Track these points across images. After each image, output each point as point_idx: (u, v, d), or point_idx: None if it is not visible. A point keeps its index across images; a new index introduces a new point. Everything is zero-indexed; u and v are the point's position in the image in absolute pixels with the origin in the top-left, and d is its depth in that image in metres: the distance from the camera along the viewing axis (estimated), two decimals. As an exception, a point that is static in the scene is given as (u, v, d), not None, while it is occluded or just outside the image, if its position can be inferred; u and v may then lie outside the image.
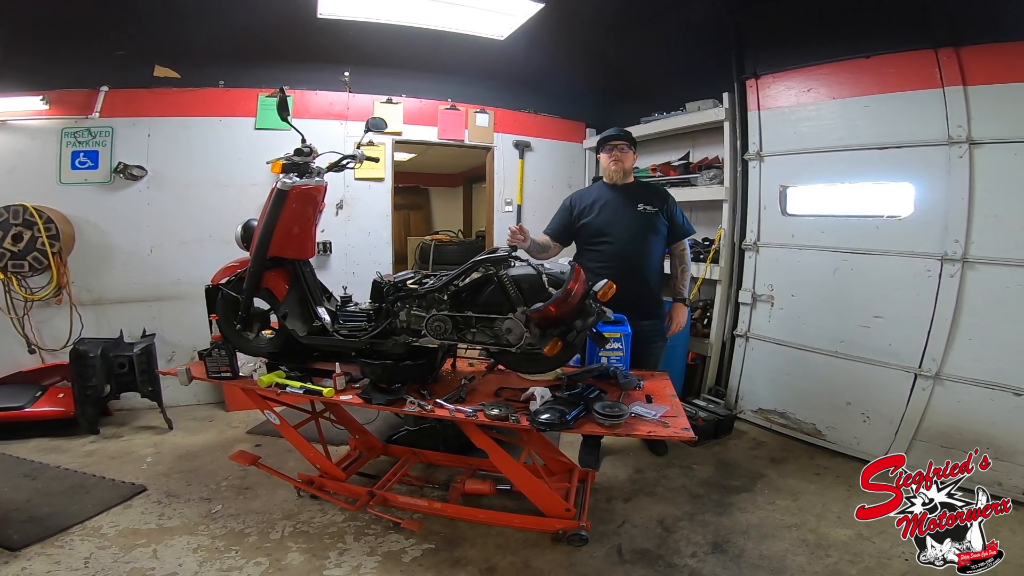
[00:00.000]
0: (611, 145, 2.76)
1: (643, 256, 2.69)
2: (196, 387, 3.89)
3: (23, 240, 3.39)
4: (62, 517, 2.48)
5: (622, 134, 2.78)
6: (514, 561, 2.19)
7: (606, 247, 2.69)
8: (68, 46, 3.62)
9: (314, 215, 2.35)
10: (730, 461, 3.10)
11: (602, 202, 2.75)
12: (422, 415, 2.05)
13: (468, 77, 4.56)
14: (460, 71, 4.46)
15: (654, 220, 2.69)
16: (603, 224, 2.70)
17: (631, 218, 2.68)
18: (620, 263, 2.63)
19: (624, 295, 2.37)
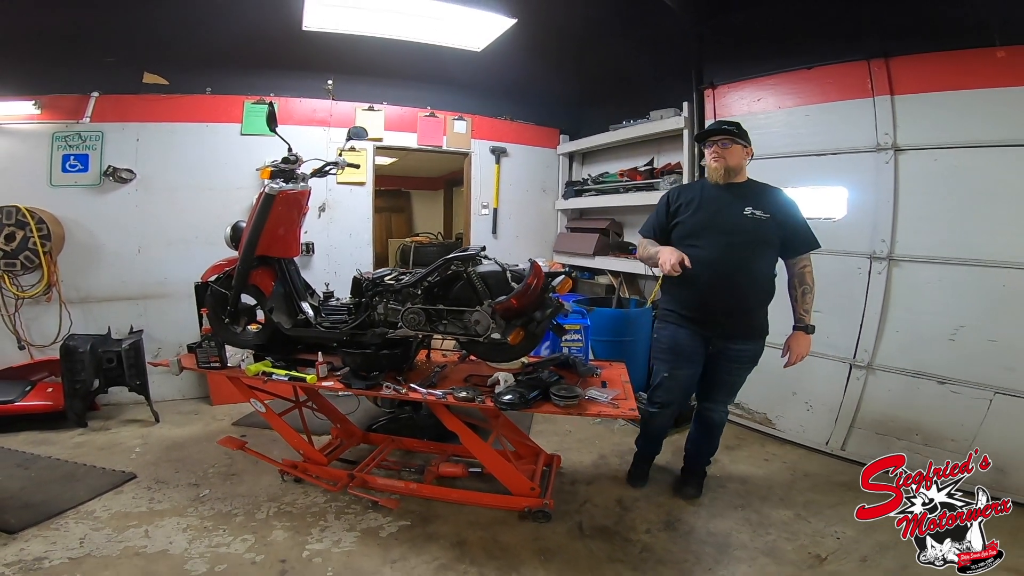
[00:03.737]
0: (711, 140, 2.39)
1: (742, 267, 2.31)
2: (182, 382, 4.07)
3: (15, 240, 3.50)
4: (56, 503, 2.58)
5: (723, 127, 2.40)
6: (483, 536, 2.36)
7: (697, 252, 2.31)
8: (60, 53, 3.72)
9: (298, 217, 2.55)
10: None
11: (702, 200, 2.41)
12: (397, 398, 2.26)
13: (447, 86, 4.73)
14: (439, 80, 4.63)
15: (764, 228, 2.31)
16: (697, 225, 2.36)
17: (734, 223, 2.31)
18: (711, 272, 2.30)
19: (712, 309, 2.35)
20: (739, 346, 2.40)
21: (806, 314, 2.41)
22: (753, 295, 2.37)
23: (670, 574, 2.11)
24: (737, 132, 2.36)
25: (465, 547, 2.29)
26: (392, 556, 2.21)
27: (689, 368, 2.44)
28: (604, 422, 3.67)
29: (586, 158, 5.17)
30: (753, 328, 2.42)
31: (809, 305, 2.41)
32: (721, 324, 2.37)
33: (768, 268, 2.38)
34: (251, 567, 2.14)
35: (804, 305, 2.41)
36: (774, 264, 2.39)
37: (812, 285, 2.41)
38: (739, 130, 2.37)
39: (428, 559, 2.20)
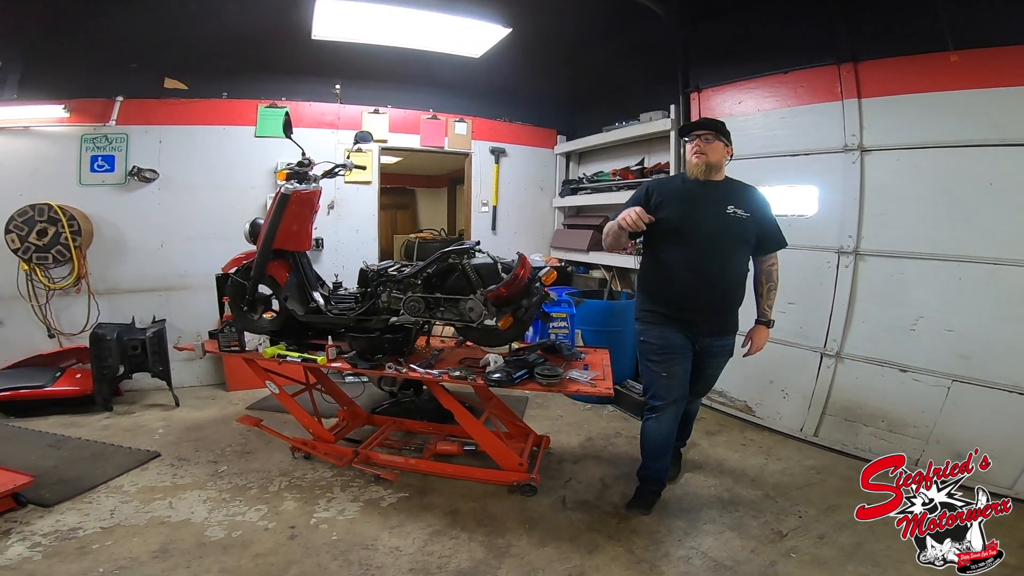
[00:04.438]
0: (694, 135, 2.37)
1: (724, 266, 2.34)
2: (200, 369, 4.33)
3: (47, 235, 3.76)
4: (87, 479, 2.78)
5: (704, 122, 2.41)
6: (474, 507, 2.56)
7: (681, 250, 2.32)
8: (87, 59, 3.95)
9: (310, 215, 2.79)
10: None
11: (684, 197, 2.36)
12: (397, 376, 2.50)
13: (448, 89, 4.95)
14: (440, 84, 4.85)
15: (744, 227, 2.32)
16: (681, 222, 2.32)
17: (717, 221, 2.31)
18: (694, 270, 2.31)
19: (693, 307, 2.35)
20: (720, 342, 2.45)
21: (769, 309, 2.49)
22: (733, 292, 2.41)
23: (642, 543, 2.30)
24: (720, 130, 2.36)
25: (457, 516, 2.49)
26: (391, 523, 2.43)
27: (683, 364, 2.40)
28: (593, 408, 3.90)
29: (582, 158, 5.38)
30: (732, 324, 2.47)
31: (773, 301, 2.49)
32: (706, 322, 2.38)
33: (744, 266, 2.43)
34: (264, 532, 2.35)
35: (768, 301, 2.48)
36: (747, 261, 2.45)
37: (777, 282, 2.49)
38: (722, 128, 2.37)
39: (423, 526, 2.41)
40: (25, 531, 2.33)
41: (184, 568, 2.11)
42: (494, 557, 2.21)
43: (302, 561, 2.16)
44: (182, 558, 2.17)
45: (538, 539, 2.33)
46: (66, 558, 2.16)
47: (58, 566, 2.11)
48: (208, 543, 2.27)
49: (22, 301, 3.91)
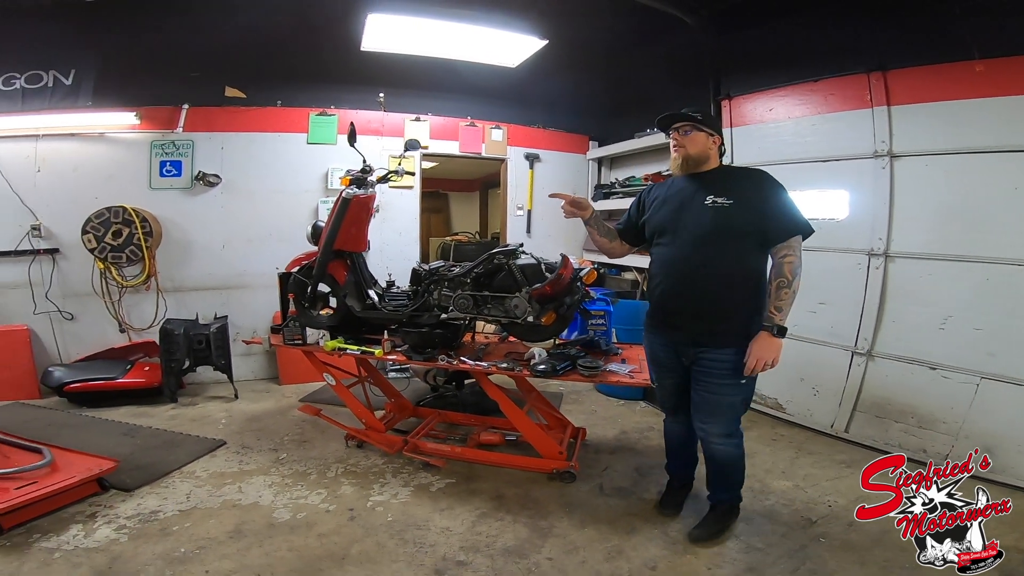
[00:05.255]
0: (674, 128, 2.18)
1: (706, 263, 2.08)
2: (255, 364, 4.61)
3: (122, 236, 4.07)
4: (162, 465, 2.98)
5: (682, 113, 2.16)
6: (518, 492, 2.72)
7: (662, 250, 2.22)
8: (154, 67, 4.25)
9: (367, 218, 3.03)
10: None
11: (668, 195, 2.24)
12: (449, 368, 2.71)
13: (485, 97, 5.17)
14: (478, 92, 5.08)
15: (727, 217, 2.05)
16: (661, 222, 2.21)
17: (695, 215, 2.11)
18: (674, 271, 2.17)
19: (675, 312, 2.18)
20: (713, 355, 2.10)
21: (776, 312, 2.02)
22: (724, 295, 2.09)
23: (677, 526, 2.43)
24: (702, 119, 2.15)
25: (502, 500, 2.66)
26: (441, 506, 2.59)
27: (671, 377, 2.28)
28: (626, 404, 4.05)
29: (614, 163, 5.53)
30: (727, 334, 2.08)
31: (783, 302, 2.02)
32: (688, 329, 2.15)
33: (740, 262, 2.09)
34: (326, 514, 2.53)
35: (776, 301, 2.02)
36: (751, 256, 2.10)
37: (791, 279, 2.01)
38: (705, 117, 2.17)
39: (471, 508, 2.57)
40: (110, 514, 2.51)
41: (257, 547, 2.28)
42: (538, 537, 2.36)
43: (363, 540, 2.33)
44: (254, 538, 2.34)
45: (578, 521, 2.47)
46: (150, 539, 2.33)
47: (143, 547, 2.27)
48: (276, 524, 2.45)
49: (96, 298, 4.24)
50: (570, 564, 2.18)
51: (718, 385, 2.12)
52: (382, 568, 2.15)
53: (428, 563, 2.18)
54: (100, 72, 4.16)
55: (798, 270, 2.03)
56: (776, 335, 2.02)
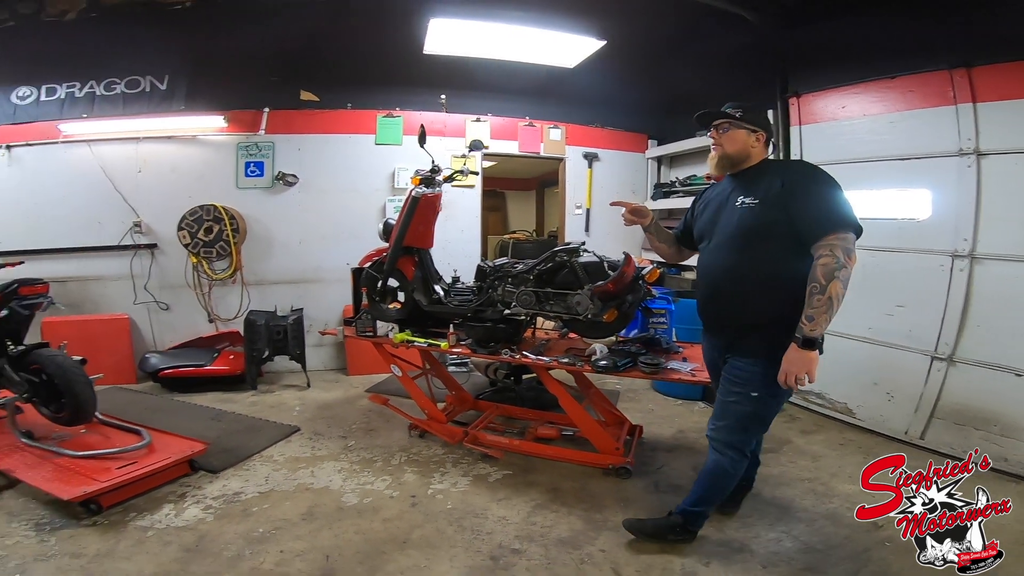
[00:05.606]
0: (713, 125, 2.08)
1: (731, 269, 1.99)
2: (325, 355, 4.86)
3: (212, 232, 4.43)
4: (244, 449, 3.17)
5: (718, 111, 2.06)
6: (574, 485, 2.77)
7: (701, 256, 2.17)
8: (239, 73, 4.55)
9: (434, 216, 3.17)
10: None
11: (712, 198, 2.17)
12: (512, 362, 2.80)
13: (543, 97, 5.23)
14: (536, 93, 5.14)
15: (753, 217, 1.92)
16: (702, 226, 2.17)
17: (727, 217, 2.02)
18: (707, 278, 2.11)
19: (710, 318, 2.14)
20: (736, 362, 2.03)
21: (806, 322, 1.82)
22: (752, 303, 1.96)
23: (733, 524, 2.42)
24: (741, 116, 2.01)
25: (558, 492, 2.71)
26: (498, 496, 2.68)
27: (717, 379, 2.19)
28: (685, 403, 4.02)
29: (674, 161, 5.47)
30: (761, 345, 1.93)
31: (815, 310, 1.80)
32: (720, 336, 2.11)
33: (772, 267, 1.92)
34: (390, 500, 2.65)
35: (808, 309, 1.82)
36: (787, 260, 1.90)
37: (824, 283, 1.78)
38: (746, 112, 2.02)
39: (527, 500, 2.64)
40: (198, 494, 2.69)
41: (327, 529, 2.40)
42: (592, 529, 2.40)
43: (424, 526, 2.43)
44: (325, 520, 2.48)
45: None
46: (233, 519, 2.48)
47: (227, 526, 2.42)
48: (345, 508, 2.59)
49: (188, 290, 4.64)
50: (623, 557, 2.21)
51: (729, 390, 2.05)
52: (441, 553, 2.24)
53: (484, 550, 2.26)
54: (191, 77, 4.51)
55: (837, 273, 1.78)
56: (803, 347, 1.82)
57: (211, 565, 2.16)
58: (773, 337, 1.90)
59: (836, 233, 1.81)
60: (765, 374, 1.93)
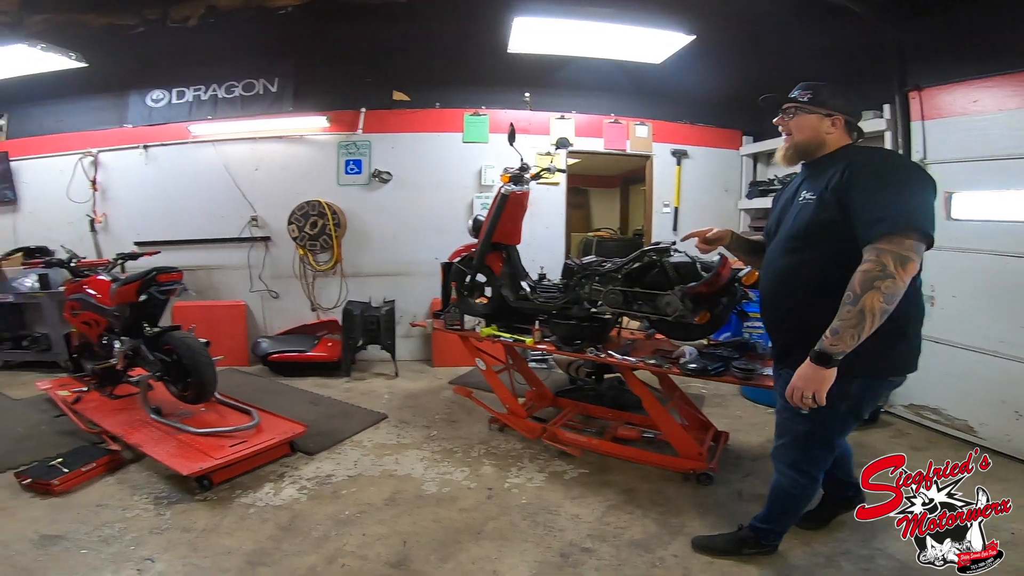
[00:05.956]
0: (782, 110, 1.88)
1: (785, 272, 1.83)
2: (412, 346, 5.08)
3: (317, 227, 4.78)
4: (338, 433, 3.33)
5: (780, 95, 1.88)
6: (650, 488, 2.71)
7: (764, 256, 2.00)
8: (338, 75, 4.84)
9: (522, 213, 3.22)
10: (866, 444, 3.25)
11: (780, 194, 2.04)
12: (597, 360, 2.79)
13: (628, 94, 5.14)
14: (621, 89, 5.06)
15: (812, 215, 1.72)
16: (768, 225, 2.03)
17: (789, 214, 1.85)
18: (763, 282, 1.95)
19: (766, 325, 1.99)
20: (785, 373, 1.82)
21: (829, 335, 1.59)
22: (796, 310, 1.77)
23: (822, 538, 2.27)
24: (811, 98, 1.80)
25: (633, 494, 2.67)
26: (572, 494, 2.67)
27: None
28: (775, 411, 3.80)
29: (771, 158, 5.18)
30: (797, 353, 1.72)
31: (843, 323, 1.57)
32: (775, 344, 1.96)
33: (818, 272, 1.71)
34: (467, 491, 2.72)
35: (835, 321, 1.59)
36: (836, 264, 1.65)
37: (859, 293, 1.54)
38: (816, 94, 1.80)
39: (602, 499, 2.62)
40: (295, 475, 2.85)
41: (407, 515, 2.49)
42: (667, 533, 2.35)
43: (498, 518, 2.47)
44: (406, 507, 2.57)
45: (711, 523, 2.40)
46: (323, 501, 2.61)
47: (318, 507, 2.55)
48: (425, 496, 2.68)
49: (295, 280, 5.04)
50: (696, 564, 2.15)
51: (784, 405, 1.84)
52: (512, 546, 2.27)
53: (555, 546, 2.27)
54: (297, 79, 4.87)
55: (879, 283, 1.52)
56: (816, 362, 1.61)
57: (300, 544, 2.29)
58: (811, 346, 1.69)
59: (891, 236, 1.54)
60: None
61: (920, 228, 1.55)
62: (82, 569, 2.11)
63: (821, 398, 1.63)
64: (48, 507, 2.53)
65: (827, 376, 1.62)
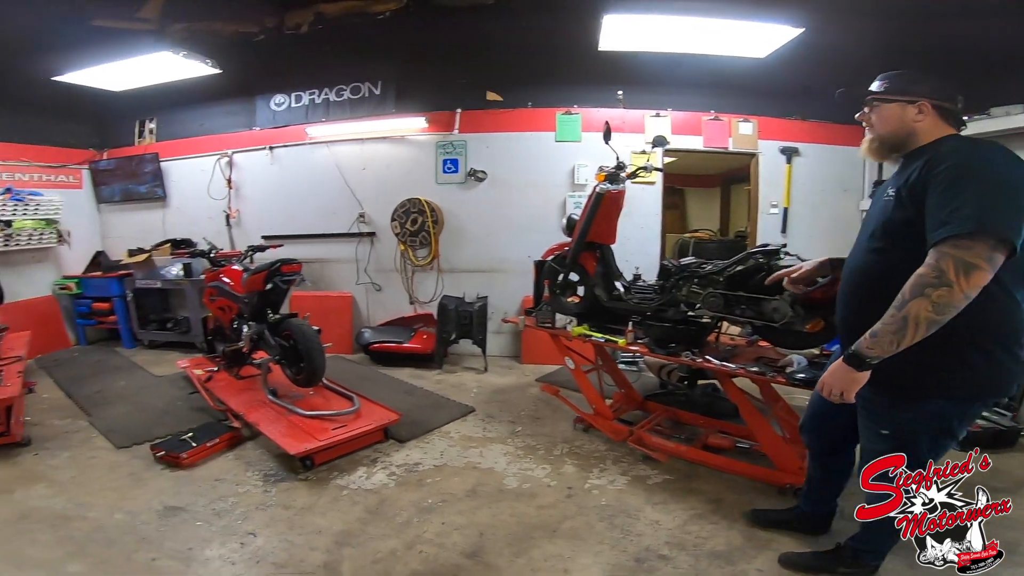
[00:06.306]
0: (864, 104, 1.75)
1: (854, 271, 1.74)
2: (501, 342, 5.17)
3: (417, 223, 5.02)
4: (428, 423, 3.45)
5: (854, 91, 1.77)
6: (739, 499, 2.58)
7: None
8: (435, 76, 5.02)
9: (617, 213, 3.18)
10: (1002, 470, 2.85)
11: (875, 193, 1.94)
12: (693, 365, 2.70)
13: (729, 90, 4.87)
14: (721, 85, 4.81)
15: (889, 213, 1.61)
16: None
17: (872, 209, 1.77)
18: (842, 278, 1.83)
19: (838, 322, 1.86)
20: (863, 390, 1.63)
21: (867, 337, 1.52)
22: (862, 315, 1.61)
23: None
24: (888, 87, 1.66)
25: (720, 504, 2.57)
26: (654, 499, 2.62)
27: None
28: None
29: (902, 157, 4.68)
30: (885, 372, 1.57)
31: (884, 327, 1.49)
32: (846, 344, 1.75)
33: (893, 271, 1.54)
34: (547, 488, 2.73)
35: (876, 324, 1.51)
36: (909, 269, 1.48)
37: (907, 299, 1.44)
38: (894, 82, 1.66)
39: (685, 507, 2.54)
40: (386, 461, 2.99)
41: (486, 508, 2.54)
42: (752, 547, 2.23)
43: (575, 517, 2.47)
44: (485, 499, 2.62)
45: (804, 540, 2.25)
46: (409, 488, 2.72)
47: (404, 494, 2.67)
48: (505, 490, 2.72)
49: (395, 274, 5.34)
50: None
51: (861, 422, 1.79)
52: (587, 546, 2.26)
53: (631, 550, 2.23)
54: (398, 82, 5.11)
55: (929, 290, 1.40)
56: (847, 361, 1.57)
57: (384, 528, 2.39)
58: (894, 366, 1.54)
59: (957, 239, 1.38)
60: (893, 407, 1.67)
61: (995, 232, 1.37)
62: (194, 540, 2.32)
63: (849, 398, 1.62)
64: (175, 479, 2.84)
65: (857, 379, 1.58)
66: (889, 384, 1.63)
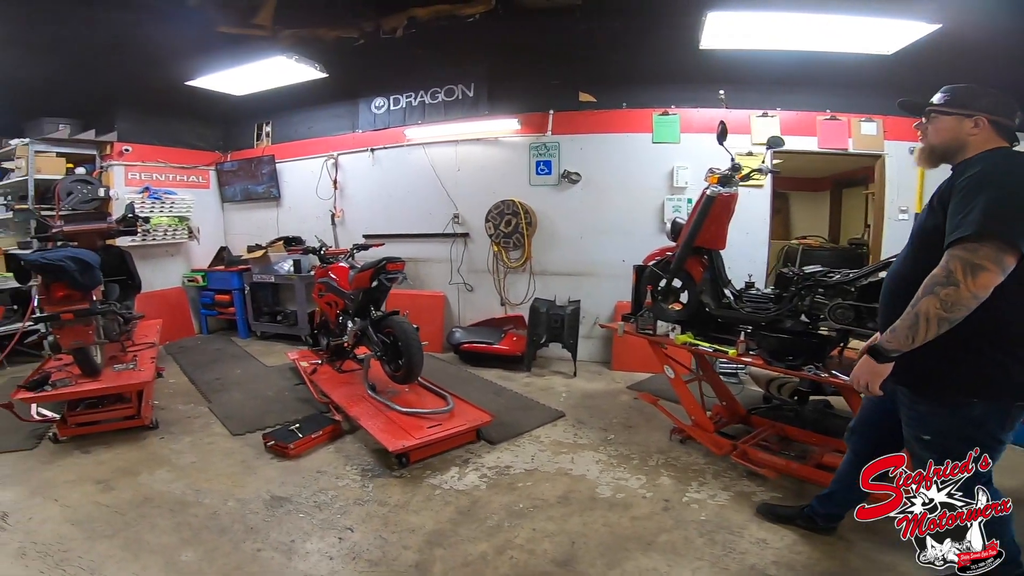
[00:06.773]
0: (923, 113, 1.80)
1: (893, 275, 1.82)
2: (591, 347, 5.08)
3: (511, 225, 5.06)
4: (518, 426, 3.42)
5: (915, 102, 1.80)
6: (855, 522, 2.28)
7: None
8: (527, 77, 5.02)
9: (728, 217, 3.00)
10: None
11: None
12: (817, 380, 2.50)
13: (848, 88, 4.53)
14: (839, 83, 4.48)
15: (924, 221, 1.69)
16: None
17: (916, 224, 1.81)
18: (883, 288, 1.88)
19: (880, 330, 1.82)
20: (903, 395, 1.75)
21: (888, 332, 1.62)
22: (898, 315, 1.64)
23: None
24: (948, 100, 1.70)
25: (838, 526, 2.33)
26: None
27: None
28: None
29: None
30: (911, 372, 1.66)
31: (900, 323, 1.57)
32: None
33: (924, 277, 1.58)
34: (642, 500, 2.64)
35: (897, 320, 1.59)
36: None
37: (920, 296, 1.53)
38: (954, 96, 1.69)
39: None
40: (478, 462, 2.98)
41: (578, 516, 2.49)
42: (872, 571, 2.08)
43: (671, 531, 2.37)
44: (577, 507, 2.57)
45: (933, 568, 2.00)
46: (500, 490, 2.70)
47: (495, 496, 2.65)
48: (597, 498, 2.65)
49: (488, 275, 5.40)
50: None
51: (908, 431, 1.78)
52: (684, 562, 2.16)
53: (733, 568, 2.12)
54: (490, 84, 5.16)
55: (935, 287, 1.49)
56: (869, 352, 1.68)
57: (475, 530, 2.38)
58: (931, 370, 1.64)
59: (965, 242, 1.47)
60: (931, 413, 1.69)
61: (999, 235, 1.44)
62: (296, 532, 2.39)
63: (874, 390, 1.68)
64: (282, 469, 2.98)
65: (879, 370, 1.66)
66: (926, 389, 1.69)
